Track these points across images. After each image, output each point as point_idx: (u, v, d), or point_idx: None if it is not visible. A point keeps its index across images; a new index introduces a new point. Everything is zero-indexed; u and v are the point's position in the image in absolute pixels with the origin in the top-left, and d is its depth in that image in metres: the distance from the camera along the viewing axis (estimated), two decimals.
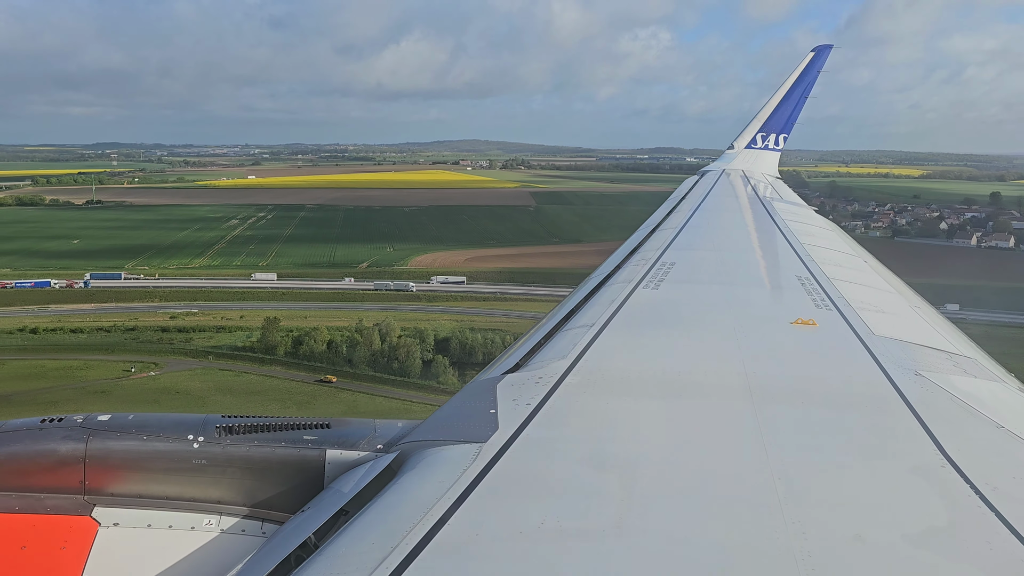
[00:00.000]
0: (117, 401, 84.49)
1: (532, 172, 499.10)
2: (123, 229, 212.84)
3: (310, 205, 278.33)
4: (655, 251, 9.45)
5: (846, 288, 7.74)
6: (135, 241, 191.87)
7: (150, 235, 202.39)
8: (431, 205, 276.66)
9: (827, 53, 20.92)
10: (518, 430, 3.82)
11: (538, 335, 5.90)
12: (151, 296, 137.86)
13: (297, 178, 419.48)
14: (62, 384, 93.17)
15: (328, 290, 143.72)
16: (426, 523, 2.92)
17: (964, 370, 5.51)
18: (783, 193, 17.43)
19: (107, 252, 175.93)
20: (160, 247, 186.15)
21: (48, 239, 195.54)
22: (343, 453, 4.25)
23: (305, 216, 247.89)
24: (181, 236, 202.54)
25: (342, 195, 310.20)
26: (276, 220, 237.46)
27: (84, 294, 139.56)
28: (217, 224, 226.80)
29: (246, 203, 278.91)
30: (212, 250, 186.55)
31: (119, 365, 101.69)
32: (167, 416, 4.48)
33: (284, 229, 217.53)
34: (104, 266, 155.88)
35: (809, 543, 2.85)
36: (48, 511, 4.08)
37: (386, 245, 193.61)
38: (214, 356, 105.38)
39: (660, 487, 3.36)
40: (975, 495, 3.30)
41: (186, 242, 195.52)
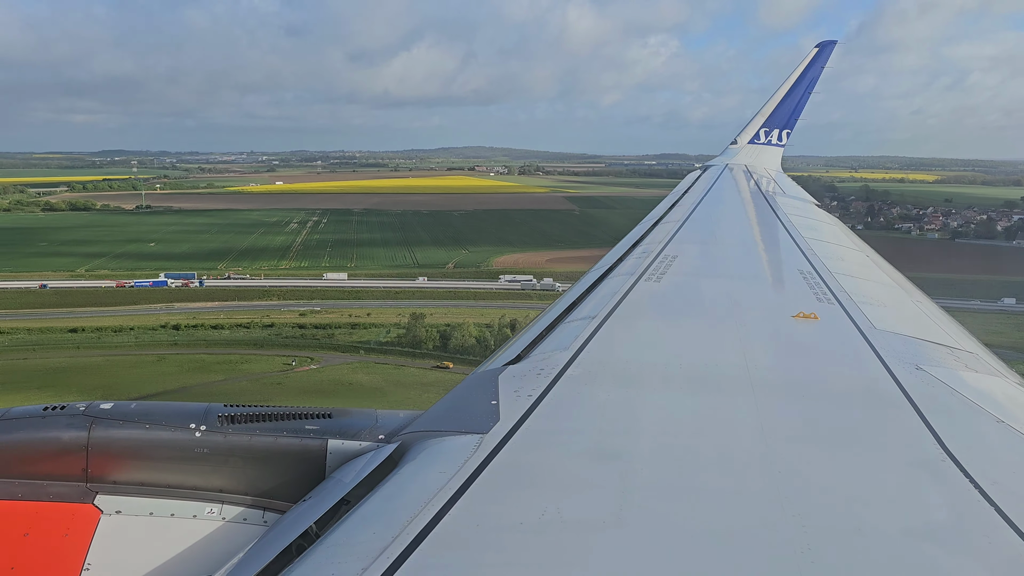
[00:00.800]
0: (299, 393, 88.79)
1: (552, 178, 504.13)
2: (190, 233, 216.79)
3: (358, 209, 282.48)
4: (658, 244, 9.46)
5: (848, 282, 7.76)
6: (209, 245, 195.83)
7: (222, 238, 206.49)
8: (477, 209, 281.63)
9: (831, 49, 20.83)
10: (519, 421, 3.85)
11: (540, 327, 5.94)
12: (268, 295, 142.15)
13: (328, 183, 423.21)
14: (234, 376, 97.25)
15: (459, 289, 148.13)
16: (427, 513, 2.93)
17: (965, 364, 5.51)
18: (786, 187, 17.24)
19: (189, 255, 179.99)
20: (239, 250, 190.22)
21: (124, 242, 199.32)
22: (345, 443, 4.31)
23: (360, 220, 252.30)
24: (252, 239, 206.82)
25: (382, 200, 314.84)
26: (334, 224, 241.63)
27: (202, 293, 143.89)
28: (279, 228, 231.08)
29: (292, 208, 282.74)
30: (291, 252, 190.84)
31: (275, 359, 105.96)
32: (169, 405, 4.56)
33: (348, 232, 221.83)
34: (199, 267, 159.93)
35: (809, 536, 2.86)
36: (51, 498, 4.14)
37: (459, 247, 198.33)
38: (364, 351, 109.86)
39: (661, 479, 3.38)
40: (975, 490, 3.30)
41: (260, 245, 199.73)
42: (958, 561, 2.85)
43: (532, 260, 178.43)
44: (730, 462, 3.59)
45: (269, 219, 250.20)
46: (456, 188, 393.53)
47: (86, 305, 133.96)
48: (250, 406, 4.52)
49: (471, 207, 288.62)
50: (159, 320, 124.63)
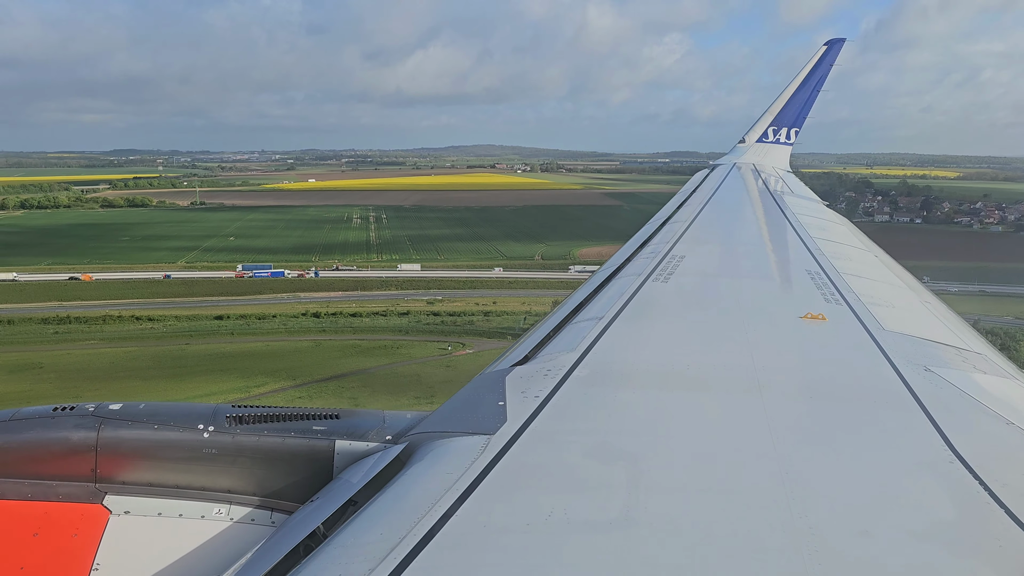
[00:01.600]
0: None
1: (578, 175, 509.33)
2: (261, 228, 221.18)
3: (408, 205, 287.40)
4: (665, 244, 9.42)
5: (856, 282, 7.75)
6: (287, 239, 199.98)
7: (295, 233, 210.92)
8: (527, 205, 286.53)
9: (839, 47, 20.68)
10: (526, 422, 3.85)
11: (547, 327, 5.95)
12: (387, 285, 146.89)
13: (365, 181, 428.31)
14: (400, 360, 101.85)
15: (548, 280, 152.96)
16: (434, 514, 2.93)
17: (974, 366, 5.49)
18: (794, 187, 17.10)
19: (271, 249, 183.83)
20: (321, 244, 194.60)
21: (203, 237, 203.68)
22: (352, 444, 4.34)
23: (417, 216, 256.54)
24: (324, 234, 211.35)
25: (425, 196, 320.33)
26: (395, 220, 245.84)
27: (322, 283, 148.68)
28: (344, 223, 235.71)
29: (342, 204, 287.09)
30: (374, 245, 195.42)
31: (427, 344, 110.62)
32: (178, 405, 4.61)
33: (414, 227, 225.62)
34: (287, 261, 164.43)
35: (816, 537, 2.86)
36: (60, 499, 4.16)
37: (534, 241, 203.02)
38: (512, 336, 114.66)
39: (668, 480, 3.38)
40: (984, 491, 3.28)
41: (338, 239, 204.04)
42: (967, 563, 2.83)
43: (611, 252, 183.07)
44: (738, 463, 3.59)
45: (328, 215, 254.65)
46: (493, 185, 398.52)
47: (211, 295, 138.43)
48: (258, 407, 4.59)
49: (516, 203, 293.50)
50: (294, 308, 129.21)
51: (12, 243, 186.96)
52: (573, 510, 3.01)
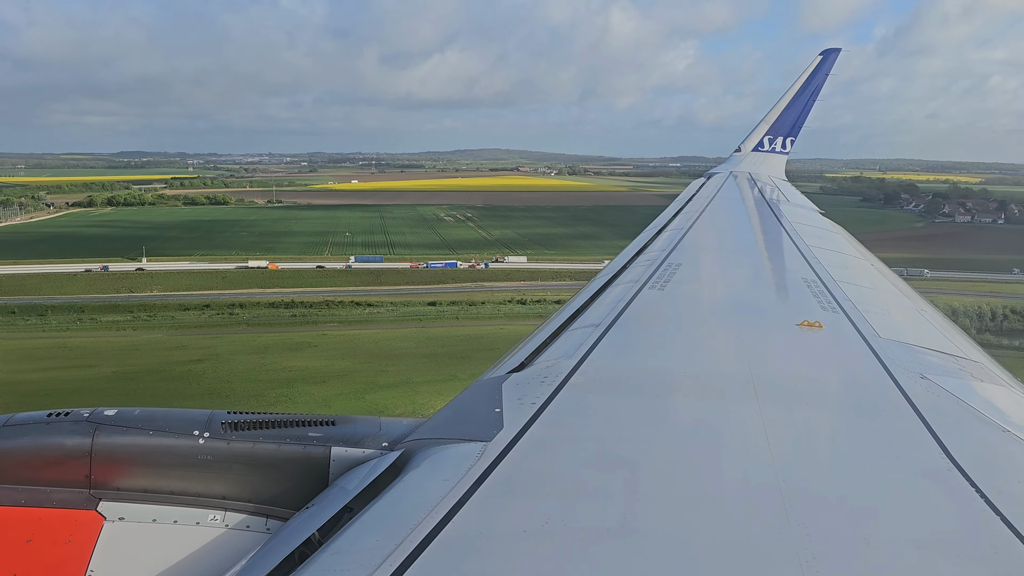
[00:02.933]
0: None
1: (610, 178, 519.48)
2: (367, 225, 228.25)
3: (479, 205, 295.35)
4: (662, 252, 9.42)
5: (852, 291, 7.77)
6: (404, 236, 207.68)
7: (406, 230, 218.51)
8: (598, 205, 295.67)
9: (835, 56, 20.77)
10: (523, 429, 3.85)
11: (544, 334, 5.94)
12: (559, 276, 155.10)
13: (421, 182, 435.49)
14: None
15: None
16: (430, 521, 2.93)
17: (971, 374, 5.49)
18: (790, 195, 17.18)
19: (395, 244, 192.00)
20: (447, 240, 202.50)
21: (320, 233, 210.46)
22: (348, 451, 4.32)
23: (506, 215, 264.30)
24: (433, 231, 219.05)
25: (489, 197, 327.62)
26: (489, 219, 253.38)
27: (498, 273, 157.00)
28: (441, 223, 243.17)
29: (412, 203, 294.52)
30: (491, 243, 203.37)
31: None
32: (173, 411, 4.59)
33: (518, 226, 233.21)
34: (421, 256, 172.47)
35: (813, 546, 2.85)
36: (54, 505, 4.13)
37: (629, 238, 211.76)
38: None
39: (665, 487, 3.37)
40: (981, 499, 3.28)
41: (454, 236, 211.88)
42: (964, 572, 2.84)
43: None
44: (735, 471, 3.61)
45: (414, 214, 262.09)
46: (547, 187, 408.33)
47: (396, 284, 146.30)
48: (253, 413, 4.60)
49: (586, 202, 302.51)
50: (494, 296, 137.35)
51: (151, 236, 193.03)
52: (570, 517, 3.02)
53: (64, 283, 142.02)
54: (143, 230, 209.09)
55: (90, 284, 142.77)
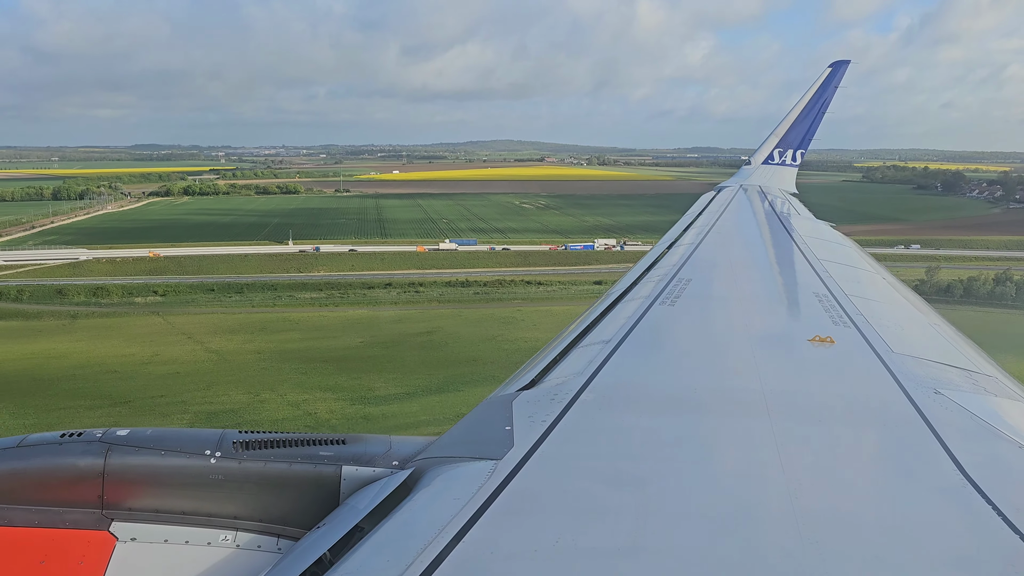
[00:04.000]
0: None
1: (639, 169, 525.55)
2: (458, 213, 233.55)
3: (544, 194, 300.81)
4: (672, 267, 9.39)
5: (864, 305, 7.71)
6: (500, 223, 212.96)
7: (504, 216, 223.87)
8: (657, 193, 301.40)
9: (844, 68, 20.81)
10: (533, 447, 3.85)
11: (554, 351, 5.93)
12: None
13: (468, 172, 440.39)
14: None
15: None
16: (441, 540, 2.93)
17: (985, 389, 5.46)
18: (800, 209, 17.10)
19: (510, 230, 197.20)
20: (545, 228, 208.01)
21: (420, 221, 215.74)
22: (359, 469, 4.29)
23: (587, 204, 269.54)
24: (527, 219, 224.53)
25: (546, 187, 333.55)
26: (575, 207, 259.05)
27: (629, 256, 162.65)
28: (523, 211, 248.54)
29: (478, 192, 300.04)
30: (594, 228, 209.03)
31: None
32: (185, 431, 4.61)
33: (612, 214, 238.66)
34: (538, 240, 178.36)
35: (827, 564, 2.84)
36: (67, 525, 4.14)
37: None
38: None
39: (676, 505, 3.36)
40: (997, 516, 3.24)
41: (554, 224, 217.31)
42: None
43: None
44: (747, 488, 3.58)
45: (490, 202, 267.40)
46: (594, 176, 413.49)
47: (547, 264, 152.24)
48: (264, 432, 4.58)
49: (648, 191, 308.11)
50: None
51: (260, 224, 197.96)
52: (581, 536, 3.01)
53: (220, 264, 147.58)
54: (251, 216, 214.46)
55: (260, 265, 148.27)
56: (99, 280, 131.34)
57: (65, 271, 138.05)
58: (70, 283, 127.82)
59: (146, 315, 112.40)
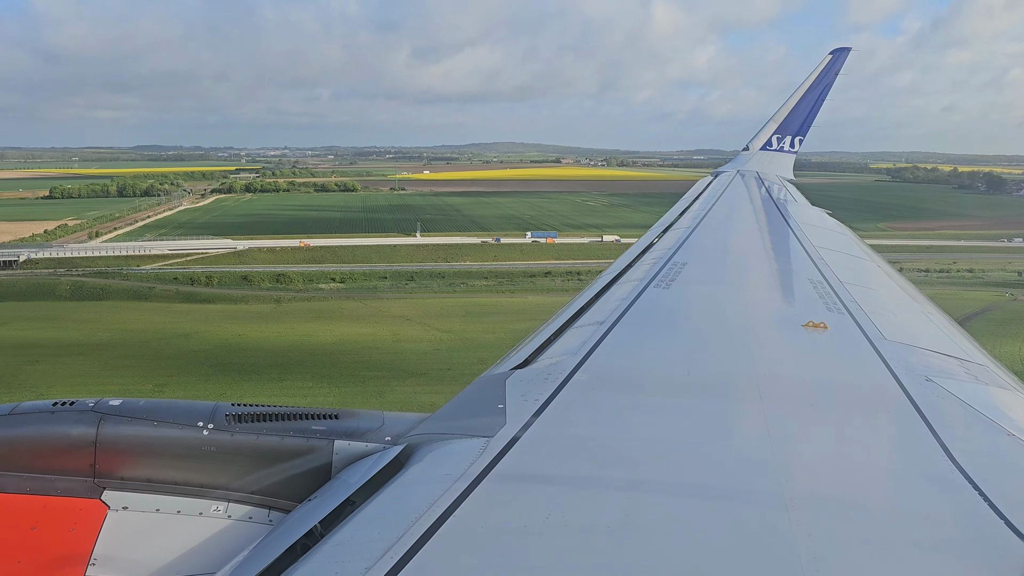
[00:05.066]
0: None
1: (659, 170, 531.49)
2: (528, 210, 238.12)
3: (595, 192, 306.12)
4: (667, 250, 9.40)
5: (858, 292, 7.71)
6: (588, 220, 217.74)
7: (579, 216, 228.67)
8: None
9: (845, 56, 20.59)
10: (526, 425, 3.87)
11: (548, 331, 5.93)
12: None
13: (494, 172, 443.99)
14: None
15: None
16: (432, 514, 2.95)
17: (976, 377, 5.48)
18: (797, 196, 16.83)
19: (595, 226, 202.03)
20: (633, 224, 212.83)
21: (503, 218, 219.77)
22: (351, 444, 4.32)
23: (652, 202, 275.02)
24: (606, 215, 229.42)
25: (598, 185, 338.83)
26: (640, 205, 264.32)
27: None
28: (598, 209, 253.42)
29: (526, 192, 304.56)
30: None
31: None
32: (178, 403, 4.60)
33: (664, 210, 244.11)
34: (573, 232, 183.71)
35: (815, 545, 2.87)
36: (59, 493, 4.17)
37: None
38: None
39: (667, 485, 3.39)
40: (985, 503, 3.28)
41: (639, 221, 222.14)
42: (967, 574, 2.86)
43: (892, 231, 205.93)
44: (737, 470, 3.61)
45: (552, 201, 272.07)
46: (623, 176, 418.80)
47: None
48: (257, 405, 4.59)
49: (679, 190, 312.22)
50: None
51: (362, 218, 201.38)
52: (571, 513, 3.03)
53: (372, 254, 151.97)
54: (342, 212, 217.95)
55: (410, 254, 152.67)
56: (277, 268, 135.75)
57: (230, 259, 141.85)
58: (252, 270, 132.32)
59: (344, 300, 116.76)
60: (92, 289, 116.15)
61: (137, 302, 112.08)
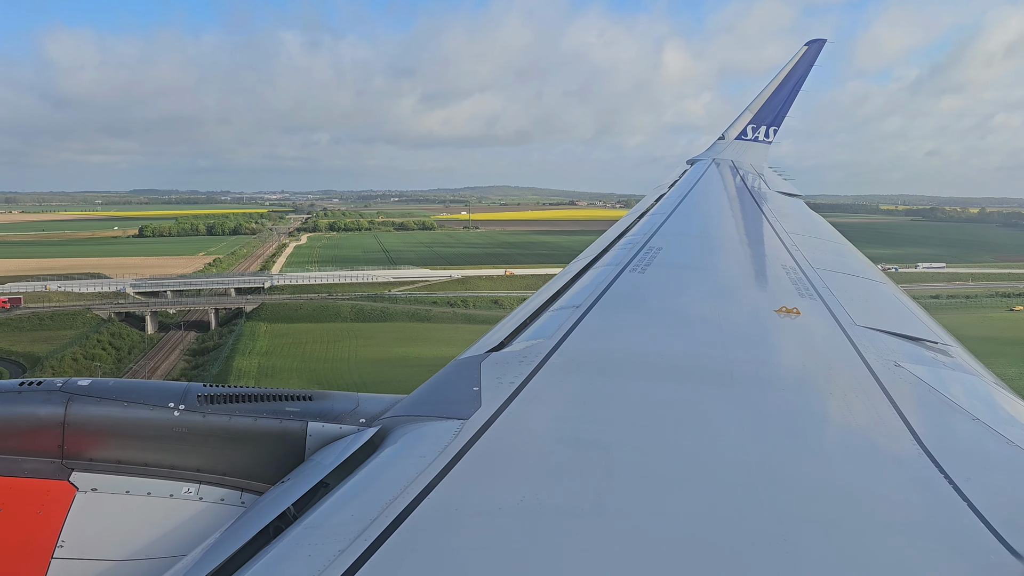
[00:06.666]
0: None
1: None
2: None
3: None
4: (643, 236, 9.45)
5: (830, 278, 7.82)
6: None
7: None
8: None
9: (820, 47, 20.77)
10: (501, 408, 3.87)
11: (523, 314, 5.94)
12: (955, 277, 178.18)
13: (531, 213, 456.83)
14: None
15: None
16: (406, 497, 2.95)
17: (943, 363, 5.56)
18: (772, 183, 17.22)
19: None
20: None
21: None
22: (325, 426, 4.28)
23: None
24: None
25: None
26: None
27: (919, 276, 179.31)
28: None
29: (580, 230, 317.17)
30: None
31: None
32: (148, 383, 4.53)
33: None
34: None
35: (786, 527, 2.92)
36: (25, 474, 4.09)
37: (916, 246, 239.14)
38: None
39: (640, 469, 3.41)
40: (950, 486, 3.35)
41: None
42: (932, 557, 2.92)
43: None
44: (709, 453, 3.65)
45: None
46: None
47: None
48: (230, 386, 4.54)
49: None
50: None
51: (490, 254, 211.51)
52: (545, 496, 3.04)
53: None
54: (459, 247, 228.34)
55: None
56: (504, 293, 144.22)
57: (453, 286, 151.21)
58: (499, 295, 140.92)
59: None
60: (372, 311, 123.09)
61: (421, 323, 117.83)
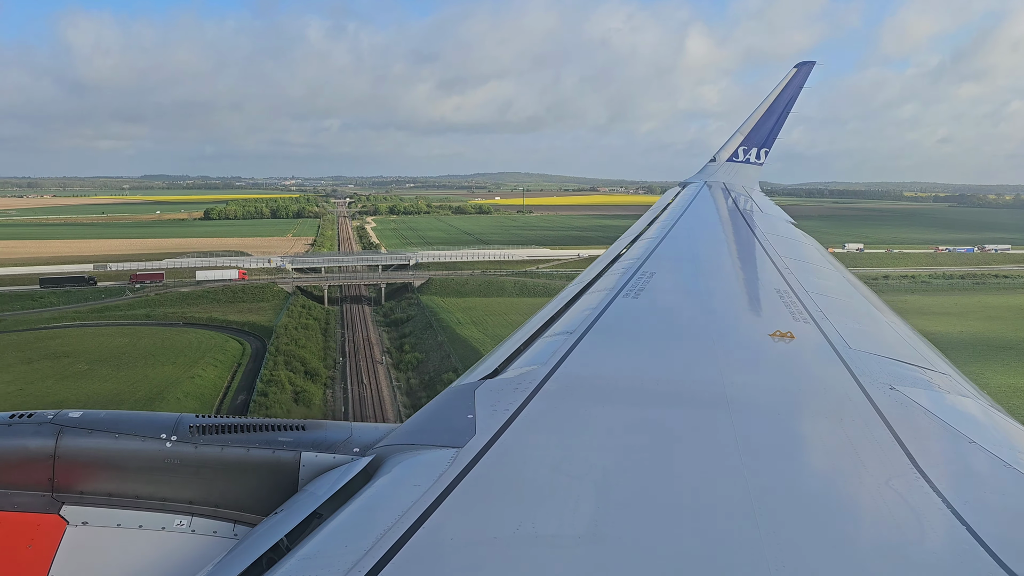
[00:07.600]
0: None
1: None
2: None
3: None
4: (636, 260, 9.49)
5: (824, 301, 7.87)
6: None
7: None
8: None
9: (809, 69, 20.81)
10: (495, 436, 3.85)
11: (517, 341, 5.95)
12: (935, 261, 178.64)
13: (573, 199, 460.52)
14: None
15: None
16: (401, 526, 2.92)
17: (938, 386, 5.57)
18: (763, 206, 17.14)
19: None
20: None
21: None
22: (318, 456, 4.24)
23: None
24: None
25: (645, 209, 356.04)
26: None
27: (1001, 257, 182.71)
28: None
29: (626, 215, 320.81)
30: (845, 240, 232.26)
31: None
32: (139, 414, 4.49)
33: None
34: None
35: (783, 553, 2.89)
36: (16, 508, 4.03)
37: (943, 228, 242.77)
38: None
39: (635, 495, 3.39)
40: (947, 508, 3.34)
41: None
42: None
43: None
44: (705, 479, 3.63)
45: None
46: None
47: (918, 264, 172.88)
48: (222, 417, 4.51)
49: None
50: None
51: (575, 236, 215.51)
52: (541, 524, 3.02)
53: None
54: (539, 231, 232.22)
55: None
56: None
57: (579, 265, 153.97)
58: None
59: None
60: (535, 287, 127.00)
61: None
